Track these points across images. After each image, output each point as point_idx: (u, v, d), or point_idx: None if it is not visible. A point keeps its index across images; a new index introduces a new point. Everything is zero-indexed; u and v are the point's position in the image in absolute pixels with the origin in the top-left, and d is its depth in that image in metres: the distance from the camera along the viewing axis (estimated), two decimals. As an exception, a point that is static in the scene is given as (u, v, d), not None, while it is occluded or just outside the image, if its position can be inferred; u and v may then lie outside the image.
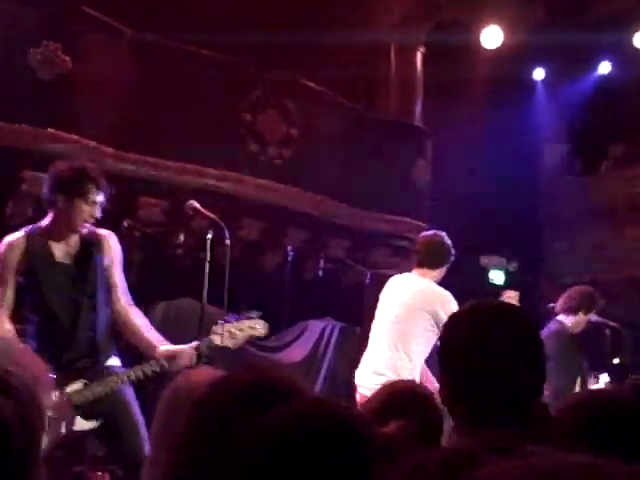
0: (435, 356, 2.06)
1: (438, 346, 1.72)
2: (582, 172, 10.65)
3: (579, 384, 5.29)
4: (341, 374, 7.35)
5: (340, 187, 7.55)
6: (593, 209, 10.11)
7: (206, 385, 1.46)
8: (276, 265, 7.49)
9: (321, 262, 7.62)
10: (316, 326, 7.80)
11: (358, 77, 9.08)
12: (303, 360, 7.57)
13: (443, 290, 4.34)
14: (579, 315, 5.40)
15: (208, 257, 3.70)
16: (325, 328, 7.80)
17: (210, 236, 3.75)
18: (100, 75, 6.05)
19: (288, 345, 7.50)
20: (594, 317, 5.49)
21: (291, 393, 1.31)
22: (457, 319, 1.69)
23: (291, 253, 6.64)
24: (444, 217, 8.34)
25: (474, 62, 9.20)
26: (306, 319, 7.58)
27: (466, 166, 8.92)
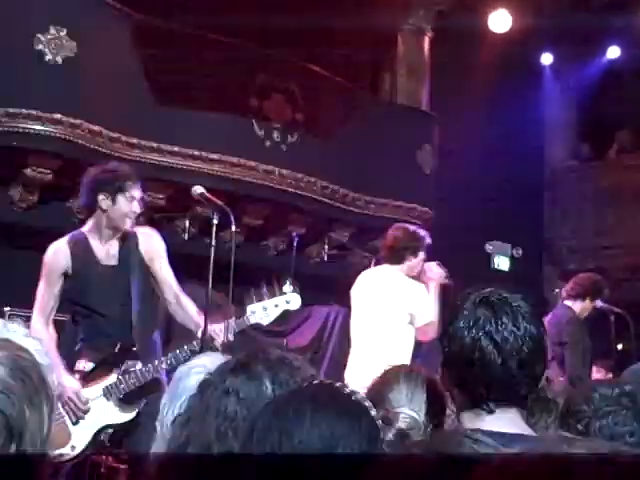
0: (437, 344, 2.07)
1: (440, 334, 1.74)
2: (589, 158, 10.59)
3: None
4: (345, 359, 7.36)
5: (345, 172, 7.53)
6: (599, 195, 10.06)
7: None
8: (281, 251, 7.50)
9: (326, 247, 7.63)
10: (321, 311, 7.82)
11: (365, 61, 9.03)
12: (308, 345, 7.60)
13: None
14: (586, 301, 5.41)
15: (214, 242, 3.72)
16: (330, 313, 7.81)
17: (216, 222, 3.76)
18: (107, 60, 6.05)
19: (293, 330, 7.53)
20: (599, 303, 5.49)
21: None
22: (456, 306, 1.69)
23: (296, 238, 6.65)
24: (449, 203, 8.34)
25: (482, 46, 9.14)
26: (311, 304, 7.59)
27: (472, 151, 8.88)
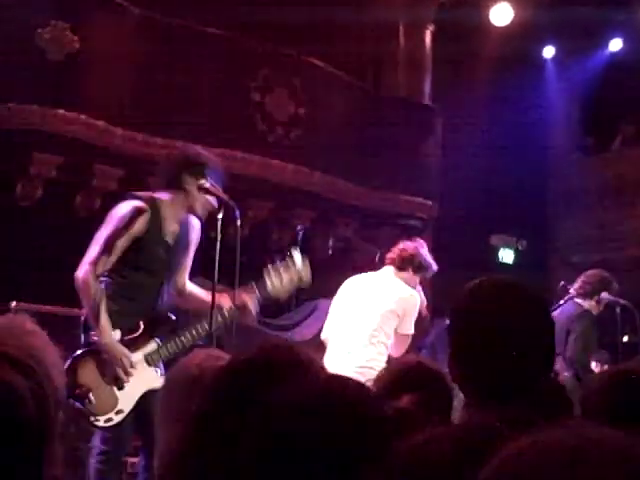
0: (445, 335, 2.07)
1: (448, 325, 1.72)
2: (592, 150, 10.58)
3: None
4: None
5: (348, 166, 7.53)
6: (603, 187, 10.05)
7: (215, 368, 1.46)
8: (285, 245, 7.50)
9: (330, 241, 7.63)
10: (326, 305, 7.81)
11: (367, 55, 9.02)
12: (313, 338, 7.60)
13: None
14: (594, 299, 5.42)
15: (219, 237, 3.72)
16: (334, 307, 7.80)
17: (221, 216, 3.76)
18: (108, 55, 6.04)
19: (298, 324, 7.53)
20: (605, 295, 5.49)
21: (307, 367, 1.32)
22: (464, 297, 1.68)
23: (300, 233, 6.65)
24: (453, 196, 8.34)
25: (483, 40, 9.12)
26: (316, 298, 7.59)
27: (476, 144, 8.87)
